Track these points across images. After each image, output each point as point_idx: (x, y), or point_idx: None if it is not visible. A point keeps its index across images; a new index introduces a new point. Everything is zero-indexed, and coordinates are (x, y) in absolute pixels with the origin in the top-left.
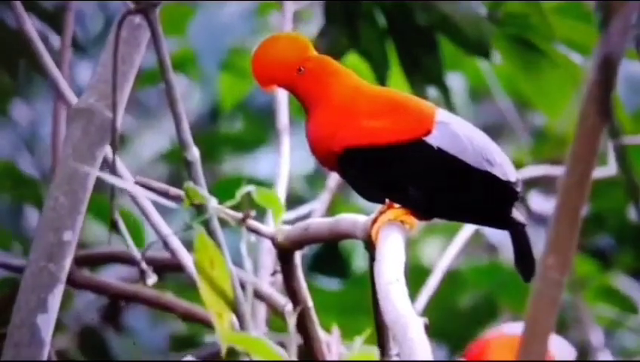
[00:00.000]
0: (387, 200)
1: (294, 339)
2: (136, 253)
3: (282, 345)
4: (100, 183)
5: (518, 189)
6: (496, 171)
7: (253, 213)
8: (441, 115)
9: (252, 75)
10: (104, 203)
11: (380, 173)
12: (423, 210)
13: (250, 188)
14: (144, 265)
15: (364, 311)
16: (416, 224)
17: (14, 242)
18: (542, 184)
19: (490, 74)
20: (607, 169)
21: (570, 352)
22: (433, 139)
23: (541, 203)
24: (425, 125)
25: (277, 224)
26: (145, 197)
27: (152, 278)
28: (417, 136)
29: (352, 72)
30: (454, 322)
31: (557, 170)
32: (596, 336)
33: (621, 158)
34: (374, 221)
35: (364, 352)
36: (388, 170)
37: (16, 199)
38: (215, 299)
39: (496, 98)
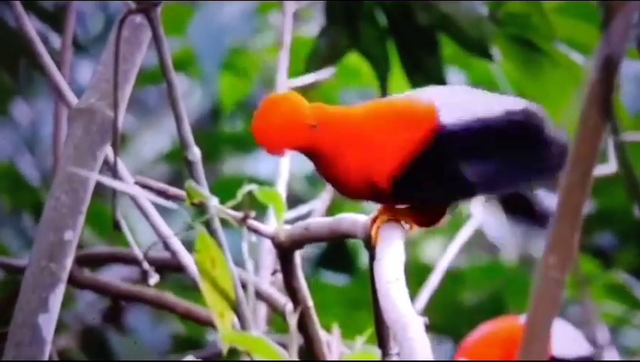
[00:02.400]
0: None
1: (295, 339)
2: (139, 253)
3: (283, 344)
4: (99, 186)
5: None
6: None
7: (253, 213)
8: (429, 92)
9: (259, 144)
10: (103, 211)
11: (432, 179)
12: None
13: (252, 186)
14: (146, 265)
15: (371, 307)
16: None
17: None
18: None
19: (499, 72)
20: (608, 166)
21: (577, 338)
22: (446, 120)
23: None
24: (432, 114)
25: (280, 222)
26: (145, 197)
27: (154, 278)
28: (432, 129)
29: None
30: (457, 320)
31: None
32: (602, 334)
33: (621, 157)
34: (374, 220)
35: (365, 352)
36: (436, 171)
37: (15, 202)
38: (217, 299)
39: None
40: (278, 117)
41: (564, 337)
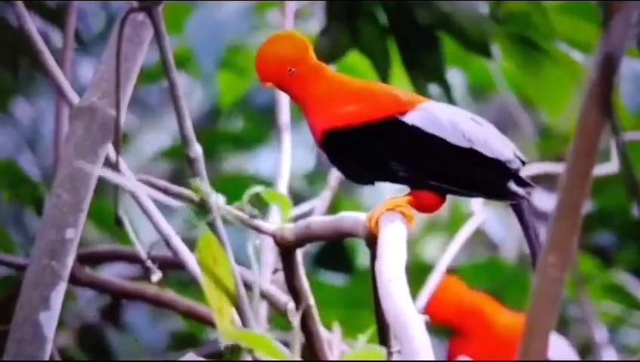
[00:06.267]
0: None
1: (298, 338)
2: (141, 251)
3: (284, 343)
4: (101, 183)
5: (513, 166)
6: (478, 148)
7: (255, 212)
8: (430, 104)
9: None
10: (105, 208)
11: (358, 153)
12: (413, 186)
13: (258, 188)
14: (149, 263)
15: (369, 306)
16: (415, 217)
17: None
18: (545, 181)
19: (497, 71)
20: (610, 166)
21: (569, 352)
22: (408, 118)
23: (544, 200)
24: (401, 107)
25: (286, 221)
26: (148, 195)
27: (156, 275)
28: (391, 115)
29: (343, 75)
30: None
31: (560, 168)
32: (600, 333)
33: (622, 156)
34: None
35: (369, 351)
36: (365, 149)
37: (16, 198)
38: (218, 297)
39: (503, 95)
40: (271, 50)
41: (555, 343)
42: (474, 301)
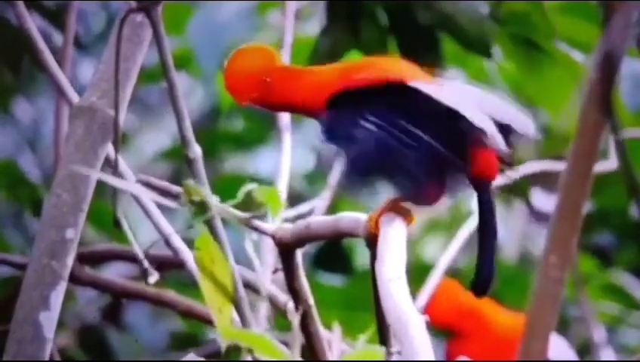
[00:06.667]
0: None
1: (298, 338)
2: (139, 251)
3: (284, 343)
4: (100, 183)
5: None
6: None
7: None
8: (442, 80)
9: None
10: (104, 208)
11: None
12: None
13: (252, 186)
14: (146, 263)
15: (368, 308)
16: (415, 217)
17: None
18: (544, 181)
19: (495, 72)
20: (608, 163)
21: (569, 353)
22: (411, 83)
23: (543, 200)
24: (407, 77)
25: (276, 219)
26: (146, 196)
27: (153, 276)
28: (397, 80)
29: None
30: None
31: (559, 166)
32: (598, 333)
33: (622, 156)
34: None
35: (368, 351)
36: (365, 104)
37: (15, 199)
38: (216, 296)
39: (502, 95)
40: (239, 70)
41: (555, 343)
42: (472, 303)
